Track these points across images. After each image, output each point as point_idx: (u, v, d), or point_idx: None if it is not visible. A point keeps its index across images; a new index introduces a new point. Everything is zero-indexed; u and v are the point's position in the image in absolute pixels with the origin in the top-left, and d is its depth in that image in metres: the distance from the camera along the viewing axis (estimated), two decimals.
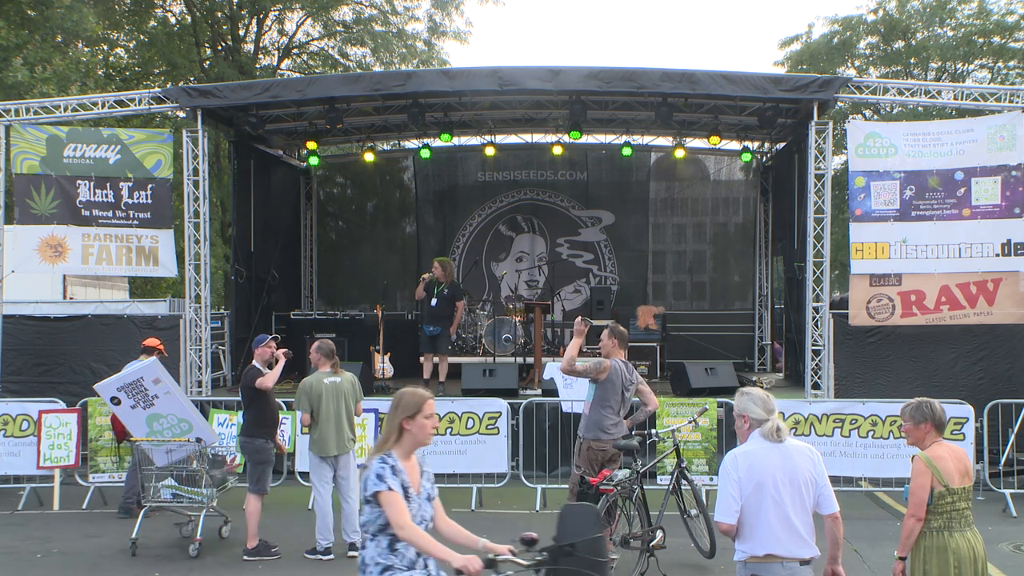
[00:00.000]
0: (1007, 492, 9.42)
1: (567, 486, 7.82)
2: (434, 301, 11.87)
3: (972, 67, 29.39)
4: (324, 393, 7.58)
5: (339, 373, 7.77)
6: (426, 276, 11.98)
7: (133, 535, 7.77)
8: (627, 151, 15.17)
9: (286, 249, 15.78)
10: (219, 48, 26.43)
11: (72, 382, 11.42)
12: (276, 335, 8.74)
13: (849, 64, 30.80)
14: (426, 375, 12.08)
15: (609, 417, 7.13)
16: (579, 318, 7.50)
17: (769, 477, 4.14)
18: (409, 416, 3.90)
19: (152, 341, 9.53)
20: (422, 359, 12.31)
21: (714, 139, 14.02)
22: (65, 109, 11.88)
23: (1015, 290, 10.71)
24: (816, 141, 11.15)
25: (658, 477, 9.13)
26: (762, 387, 8.59)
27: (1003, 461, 9.91)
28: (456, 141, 15.27)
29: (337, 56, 27.73)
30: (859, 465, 9.69)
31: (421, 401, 3.93)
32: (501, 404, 10.01)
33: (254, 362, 7.90)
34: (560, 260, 16.02)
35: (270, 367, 7.92)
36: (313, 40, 28.00)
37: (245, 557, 7.57)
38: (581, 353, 8.07)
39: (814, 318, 11.21)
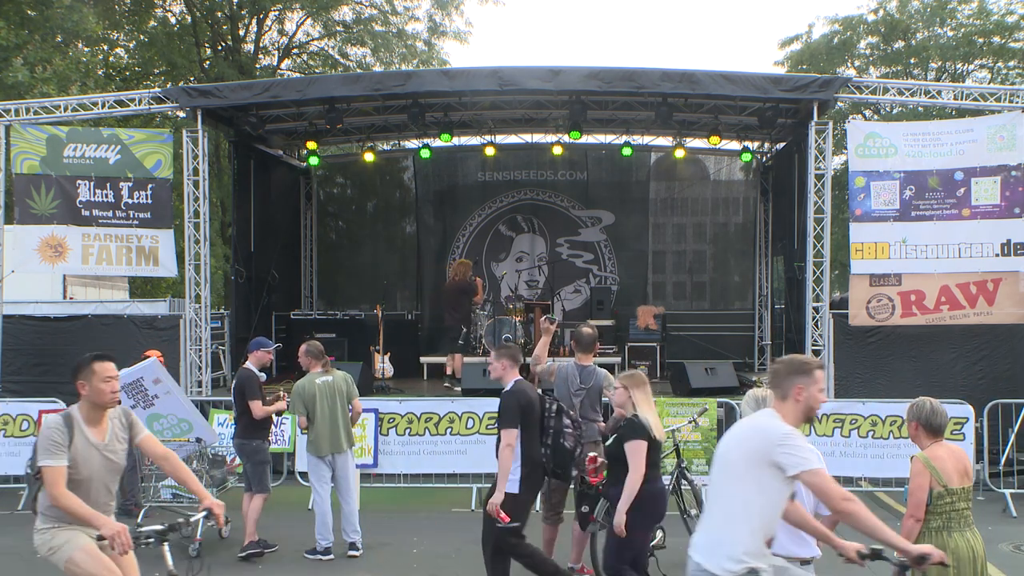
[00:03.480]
0: (1007, 492, 9.43)
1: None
2: None
3: (972, 67, 29.41)
4: (317, 394, 7.57)
5: (330, 372, 7.77)
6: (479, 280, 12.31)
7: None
8: (627, 151, 15.16)
9: (286, 249, 15.77)
10: (219, 48, 26.44)
11: (72, 382, 11.39)
12: (279, 344, 8.67)
13: (849, 64, 30.81)
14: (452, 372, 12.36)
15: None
16: (543, 317, 7.27)
17: None
18: None
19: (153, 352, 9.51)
20: (450, 359, 12.50)
21: (714, 139, 13.99)
22: (65, 109, 11.87)
23: (1015, 290, 10.70)
24: (816, 141, 11.14)
25: None
26: (761, 386, 8.56)
27: (1003, 461, 9.92)
28: (456, 141, 15.25)
29: (337, 56, 27.75)
30: (859, 465, 9.70)
31: None
32: None
33: (248, 364, 7.90)
34: (560, 260, 16.00)
35: (263, 371, 7.94)
36: (313, 40, 28.03)
37: (240, 555, 7.56)
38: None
39: (814, 318, 11.20)
